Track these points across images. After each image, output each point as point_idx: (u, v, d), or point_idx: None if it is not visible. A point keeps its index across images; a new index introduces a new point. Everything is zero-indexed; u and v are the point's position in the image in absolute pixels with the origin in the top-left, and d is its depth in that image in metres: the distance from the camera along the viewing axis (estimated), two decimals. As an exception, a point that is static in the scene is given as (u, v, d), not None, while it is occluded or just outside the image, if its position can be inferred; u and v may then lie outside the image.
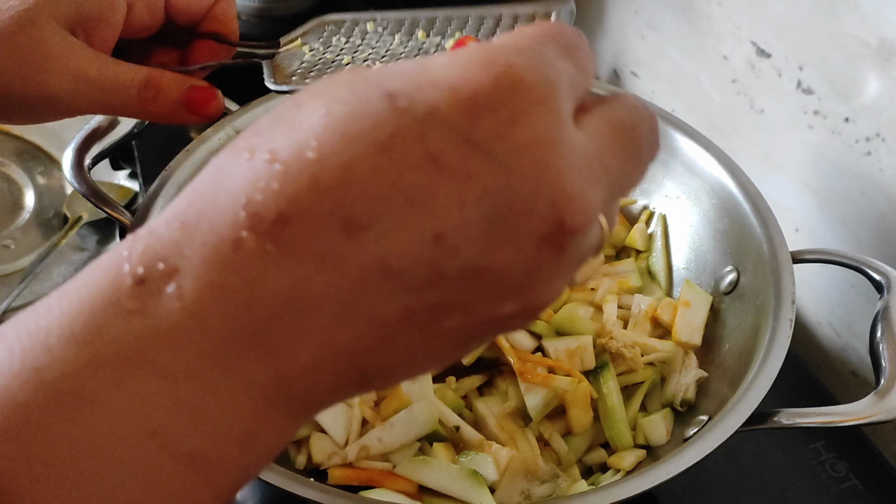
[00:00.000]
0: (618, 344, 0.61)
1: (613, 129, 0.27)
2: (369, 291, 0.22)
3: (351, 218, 0.22)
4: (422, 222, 0.22)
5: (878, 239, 0.69)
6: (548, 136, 0.23)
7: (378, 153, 0.22)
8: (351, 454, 0.55)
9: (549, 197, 0.23)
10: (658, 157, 0.50)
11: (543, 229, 0.23)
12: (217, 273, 0.22)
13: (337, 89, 0.24)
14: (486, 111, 0.23)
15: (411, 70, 0.24)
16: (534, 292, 0.25)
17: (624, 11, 0.97)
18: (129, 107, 0.44)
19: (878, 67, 0.65)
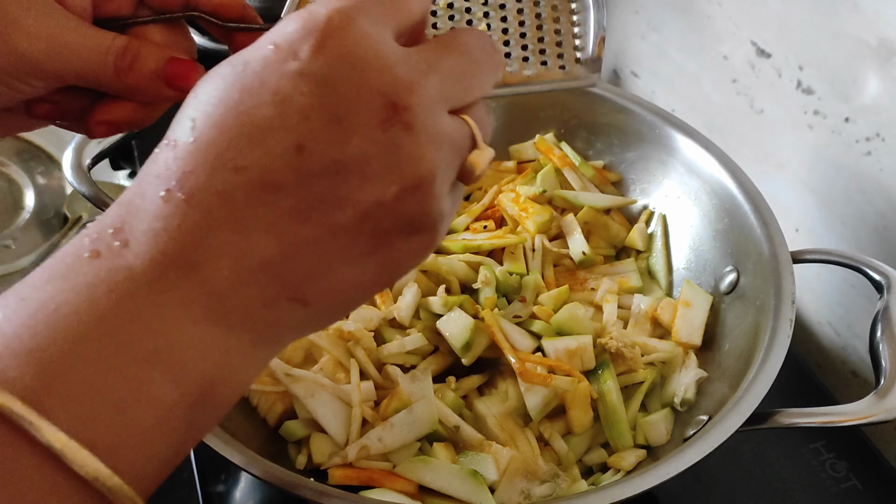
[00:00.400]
0: (618, 344, 0.61)
1: (437, 40, 0.33)
2: (258, 205, 0.29)
3: (229, 158, 0.29)
4: (281, 140, 0.29)
5: (878, 239, 0.69)
6: (356, 49, 0.29)
7: (234, 106, 0.29)
8: (351, 454, 0.55)
9: (374, 88, 0.29)
10: (658, 156, 0.51)
11: (380, 114, 0.29)
12: (148, 224, 0.29)
13: (211, 71, 0.31)
14: (301, 48, 0.29)
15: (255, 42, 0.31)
16: (405, 169, 0.30)
17: (624, 11, 0.97)
18: (103, 74, 0.41)
19: (878, 67, 0.65)
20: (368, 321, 0.62)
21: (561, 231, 0.72)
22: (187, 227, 0.29)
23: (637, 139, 0.73)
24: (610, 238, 0.72)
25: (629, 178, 0.75)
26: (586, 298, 0.67)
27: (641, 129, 0.72)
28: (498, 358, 0.62)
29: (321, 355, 0.60)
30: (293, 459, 0.58)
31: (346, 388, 0.58)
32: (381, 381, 0.60)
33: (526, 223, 0.70)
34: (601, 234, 0.72)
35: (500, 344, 0.60)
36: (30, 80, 0.40)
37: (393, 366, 0.61)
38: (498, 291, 0.65)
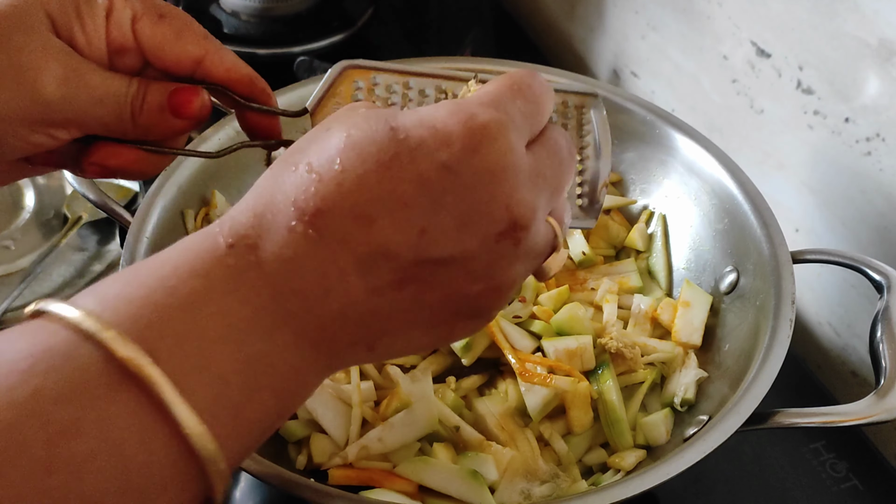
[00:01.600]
0: (618, 344, 0.61)
1: (545, 148, 0.37)
2: (374, 266, 0.32)
3: (364, 214, 0.32)
4: (411, 220, 0.32)
5: (878, 239, 0.69)
6: (500, 161, 0.33)
7: (383, 168, 0.32)
8: (351, 454, 0.55)
9: (504, 202, 0.33)
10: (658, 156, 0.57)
11: (501, 227, 0.34)
12: (278, 248, 0.32)
13: (355, 118, 0.34)
14: (456, 145, 0.33)
15: (408, 112, 0.34)
16: (497, 275, 0.34)
17: (624, 11, 0.97)
18: (123, 118, 0.41)
19: (878, 67, 0.65)
20: (368, 321, 0.62)
21: (561, 231, 0.72)
22: (312, 266, 0.32)
23: (637, 139, 0.73)
24: (610, 238, 0.72)
25: (629, 178, 0.75)
26: (586, 298, 0.67)
27: (641, 129, 0.72)
28: (498, 358, 0.62)
29: (321, 355, 0.60)
30: (293, 459, 0.58)
31: (346, 388, 0.58)
32: (381, 381, 0.60)
33: (526, 223, 0.70)
34: (601, 234, 0.72)
35: (500, 344, 0.60)
36: (51, 129, 0.40)
37: (393, 366, 0.61)
38: (498, 291, 0.65)
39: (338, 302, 0.32)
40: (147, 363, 0.28)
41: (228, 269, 0.31)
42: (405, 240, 0.32)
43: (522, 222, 0.34)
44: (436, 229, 0.32)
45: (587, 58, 1.06)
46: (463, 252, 0.33)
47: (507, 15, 1.21)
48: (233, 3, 0.97)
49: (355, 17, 1.02)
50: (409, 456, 0.56)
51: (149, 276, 0.31)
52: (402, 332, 0.35)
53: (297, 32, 0.97)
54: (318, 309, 0.32)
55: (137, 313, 0.29)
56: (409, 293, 0.33)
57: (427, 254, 0.32)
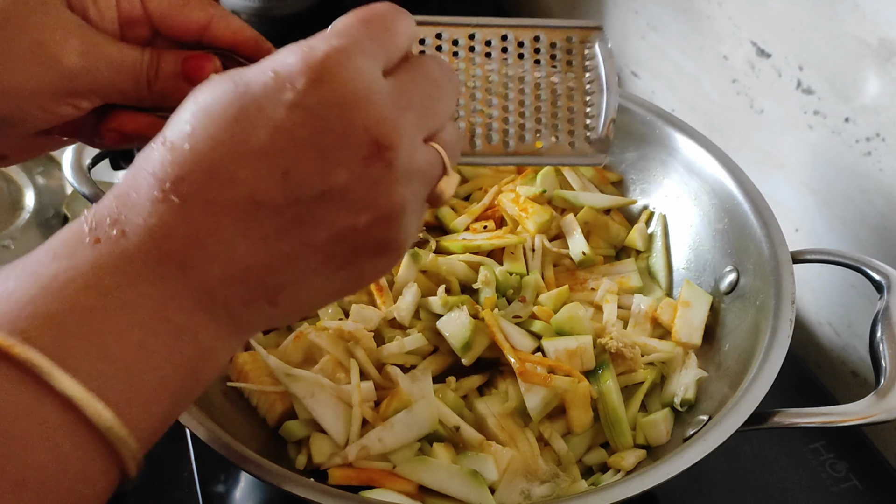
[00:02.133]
0: (618, 344, 0.61)
1: (410, 73, 0.35)
2: (247, 220, 0.32)
3: (222, 170, 0.32)
4: (271, 165, 0.32)
5: (878, 239, 0.69)
6: (349, 86, 0.32)
7: (231, 122, 0.32)
8: (351, 454, 0.55)
9: (362, 126, 0.32)
10: (658, 156, 0.54)
11: (364, 151, 0.32)
12: (144, 220, 0.32)
13: (206, 84, 0.34)
14: (299, 81, 0.32)
15: (254, 65, 0.34)
16: (380, 201, 0.33)
17: (624, 11, 0.97)
18: (140, 87, 0.44)
19: (878, 67, 0.65)
20: (368, 321, 0.62)
21: (561, 231, 0.72)
22: (181, 230, 0.32)
23: (637, 139, 0.73)
24: (610, 238, 0.72)
25: (629, 178, 0.75)
26: (586, 298, 0.67)
27: (641, 129, 0.72)
28: (498, 358, 0.62)
29: (321, 355, 0.60)
30: (293, 459, 0.58)
31: (346, 388, 0.58)
32: (381, 382, 0.60)
33: (526, 223, 0.70)
34: (601, 234, 0.72)
35: (500, 344, 0.60)
36: (71, 99, 0.42)
37: (393, 366, 0.61)
38: (498, 291, 0.65)
39: (219, 261, 0.32)
40: (16, 343, 0.28)
41: (93, 247, 0.31)
42: (270, 185, 0.32)
43: (386, 142, 0.33)
44: (299, 168, 0.32)
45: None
46: (333, 184, 0.32)
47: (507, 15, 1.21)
48: (233, 3, 0.97)
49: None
50: (409, 456, 0.56)
51: (13, 269, 0.31)
52: (301, 281, 0.34)
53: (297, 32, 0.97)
54: (199, 272, 0.32)
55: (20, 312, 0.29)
56: (294, 238, 0.33)
57: (297, 193, 0.32)
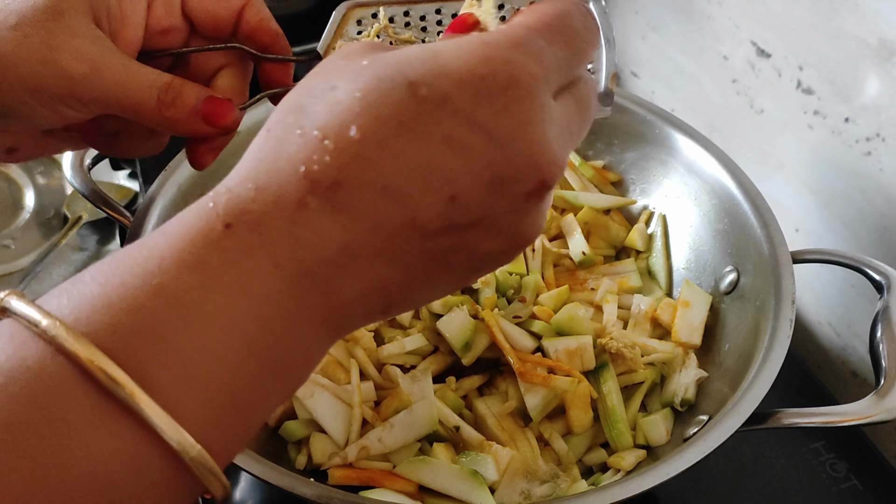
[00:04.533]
0: (618, 344, 0.61)
1: (577, 103, 0.33)
2: (401, 240, 0.29)
3: (387, 184, 0.28)
4: (440, 187, 0.29)
5: (878, 239, 0.69)
6: (533, 119, 0.30)
7: (406, 133, 0.29)
8: (351, 454, 0.55)
9: (535, 164, 0.30)
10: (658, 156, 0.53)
11: (531, 187, 0.30)
12: (288, 226, 0.28)
13: (365, 73, 0.30)
14: (486, 100, 0.29)
15: (425, 58, 0.30)
16: (520, 231, 0.32)
17: (624, 11, 0.97)
18: (146, 106, 0.43)
19: (878, 67, 0.65)
20: (368, 321, 0.62)
21: (561, 231, 0.72)
22: (329, 246, 0.29)
23: (637, 139, 0.73)
24: (610, 238, 0.72)
25: (629, 178, 0.75)
26: (586, 298, 0.67)
27: (641, 129, 0.72)
28: (498, 358, 0.62)
29: (321, 355, 0.60)
30: (293, 459, 0.58)
31: (346, 388, 0.58)
32: (381, 382, 0.60)
33: (526, 223, 0.70)
34: (601, 235, 0.72)
35: (500, 344, 0.60)
36: (74, 104, 0.42)
37: (393, 366, 0.61)
38: (498, 291, 0.65)
39: (360, 280, 0.29)
40: (128, 382, 0.26)
41: (227, 257, 0.28)
42: (435, 209, 0.29)
43: (551, 181, 0.31)
44: (466, 194, 0.29)
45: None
46: (491, 213, 0.30)
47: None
48: (233, 3, 0.97)
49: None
50: (409, 456, 0.56)
51: (131, 272, 0.27)
52: (420, 295, 0.32)
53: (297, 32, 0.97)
54: (337, 292, 0.29)
55: (116, 321, 0.26)
56: (436, 261, 0.31)
57: (457, 220, 0.30)
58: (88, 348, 0.25)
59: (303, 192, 0.28)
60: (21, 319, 0.27)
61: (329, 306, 0.30)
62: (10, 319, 0.27)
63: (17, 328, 0.27)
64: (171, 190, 0.63)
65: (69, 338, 0.25)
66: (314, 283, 0.29)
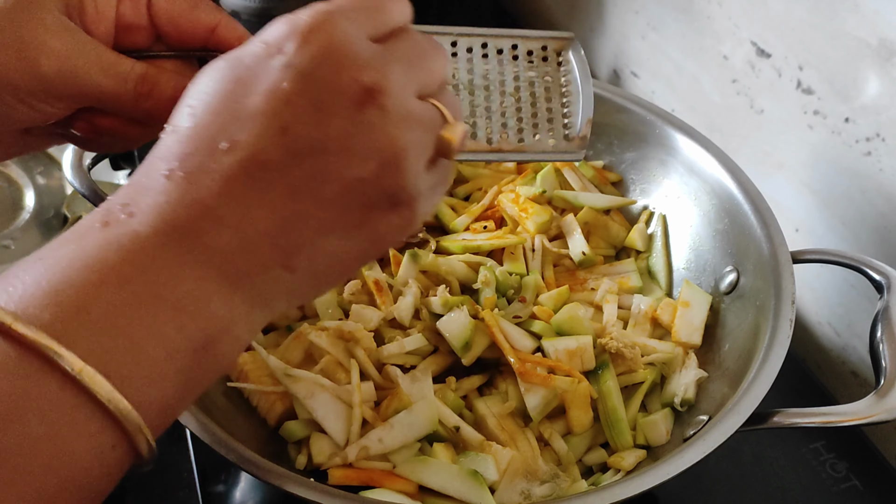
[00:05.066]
0: (618, 344, 0.61)
1: (395, 39, 0.37)
2: (254, 181, 0.33)
3: (223, 139, 0.33)
4: (268, 124, 0.33)
5: (878, 239, 0.69)
6: (332, 40, 0.33)
7: (227, 93, 0.34)
8: (351, 454, 0.55)
9: (348, 75, 0.33)
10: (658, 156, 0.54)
11: (356, 98, 0.33)
12: (152, 198, 0.33)
13: (200, 72, 0.35)
14: (286, 44, 0.34)
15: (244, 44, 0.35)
16: (380, 145, 0.34)
17: (624, 11, 0.97)
18: (123, 98, 0.43)
19: (878, 67, 0.65)
20: (368, 321, 0.62)
21: (561, 231, 0.72)
22: (189, 201, 0.32)
23: (637, 139, 0.73)
24: (610, 238, 0.72)
25: (629, 178, 0.75)
26: (586, 298, 0.67)
27: (641, 129, 0.72)
28: (498, 358, 0.62)
29: (321, 355, 0.60)
30: (293, 459, 0.58)
31: (346, 388, 0.58)
32: (382, 382, 0.60)
33: (526, 223, 0.70)
34: (601, 235, 0.72)
35: (500, 344, 0.60)
36: (51, 100, 0.42)
37: (393, 366, 0.61)
38: (498, 292, 0.65)
39: (230, 227, 0.33)
40: (23, 325, 0.28)
41: (103, 230, 0.32)
42: (271, 144, 0.33)
43: (375, 86, 0.33)
44: (295, 122, 0.33)
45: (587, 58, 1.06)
46: (332, 134, 0.33)
47: (507, 15, 1.21)
48: (233, 3, 0.97)
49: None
50: (409, 456, 0.56)
51: (24, 262, 0.32)
52: (316, 241, 0.34)
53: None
54: (209, 239, 0.32)
55: (23, 292, 0.30)
56: (304, 195, 0.33)
57: (298, 147, 0.33)
58: (8, 315, 0.29)
59: (160, 171, 0.33)
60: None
61: (207, 253, 0.32)
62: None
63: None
64: (171, 190, 0.63)
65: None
66: (185, 235, 0.32)
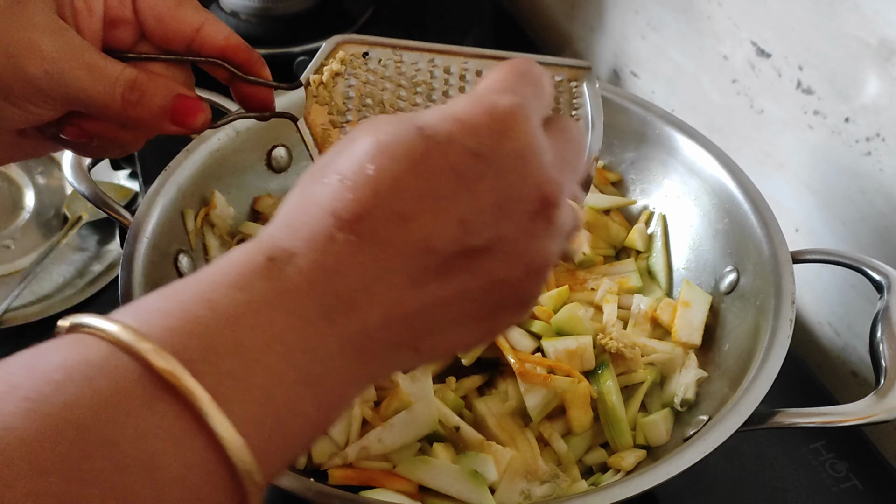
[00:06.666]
0: (618, 344, 0.61)
1: (563, 133, 0.37)
2: (417, 263, 0.32)
3: (403, 213, 0.32)
4: (450, 212, 0.32)
5: (878, 239, 0.69)
6: (528, 144, 0.34)
7: (416, 166, 0.32)
8: (351, 454, 0.55)
9: (535, 183, 0.34)
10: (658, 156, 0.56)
11: (534, 206, 0.34)
12: (320, 256, 0.31)
13: (379, 124, 0.34)
14: (483, 133, 0.33)
15: (430, 111, 0.34)
16: (535, 256, 0.34)
17: (624, 11, 0.97)
18: (111, 105, 0.42)
19: (878, 67, 0.65)
20: (368, 321, 0.62)
21: (561, 231, 0.72)
22: (354, 270, 0.31)
23: (637, 139, 0.73)
24: (610, 238, 0.72)
25: (629, 178, 0.75)
26: (586, 298, 0.67)
27: (641, 129, 0.72)
28: (498, 358, 0.62)
29: (321, 355, 0.60)
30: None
31: (346, 388, 0.58)
32: (381, 382, 0.60)
33: (526, 223, 0.70)
34: (601, 235, 0.72)
35: (500, 344, 0.60)
36: (40, 102, 0.41)
37: (393, 366, 0.60)
38: (498, 291, 0.65)
39: (383, 303, 0.32)
40: (184, 373, 0.27)
41: (269, 281, 0.31)
42: (446, 232, 0.32)
43: (552, 199, 0.34)
44: (474, 218, 0.32)
45: (587, 58, 1.06)
46: (501, 236, 0.33)
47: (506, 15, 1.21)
48: (233, 2, 0.97)
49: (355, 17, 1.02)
50: (409, 456, 0.56)
51: (187, 291, 0.30)
52: (447, 328, 0.34)
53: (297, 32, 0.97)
54: (363, 313, 0.32)
55: (175, 326, 0.29)
56: (454, 286, 0.33)
57: (468, 243, 0.33)
58: (151, 346, 0.27)
59: (330, 227, 0.32)
60: (87, 328, 0.29)
61: (355, 328, 0.32)
62: (75, 333, 0.29)
63: (79, 336, 0.29)
64: (171, 190, 0.63)
65: (134, 338, 0.28)
66: (342, 304, 0.31)
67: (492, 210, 0.33)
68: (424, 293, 0.33)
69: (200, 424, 0.27)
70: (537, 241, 0.34)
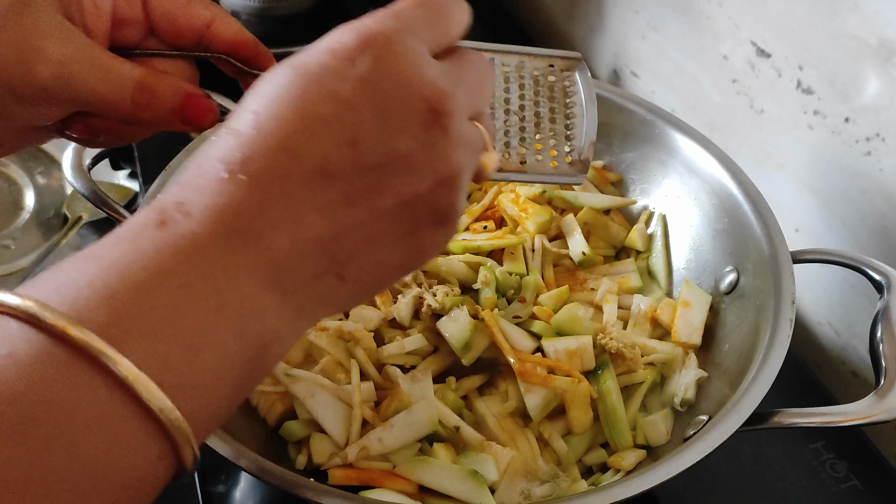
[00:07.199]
0: (618, 344, 0.61)
1: (458, 59, 0.37)
2: (315, 189, 0.33)
3: (290, 146, 0.32)
4: (336, 135, 0.33)
5: (878, 239, 0.69)
6: (403, 59, 0.34)
7: (296, 101, 0.33)
8: (351, 455, 0.55)
9: (419, 95, 0.34)
10: (658, 156, 0.55)
11: (423, 117, 0.34)
12: (211, 199, 0.32)
13: (261, 79, 0.35)
14: (356, 56, 0.34)
15: (306, 48, 0.35)
16: (440, 166, 0.34)
17: (624, 11, 0.97)
18: (120, 106, 0.42)
19: (878, 67, 0.65)
20: (368, 321, 0.62)
21: (561, 231, 0.72)
22: (249, 204, 0.32)
23: (637, 139, 0.73)
24: (610, 238, 0.72)
25: (629, 178, 0.75)
26: (586, 298, 0.67)
27: (641, 129, 0.72)
28: (498, 358, 0.62)
29: (321, 356, 0.60)
30: (293, 459, 0.58)
31: (346, 388, 0.58)
32: (382, 382, 0.60)
33: (526, 223, 0.70)
34: (601, 235, 0.72)
35: (500, 344, 0.60)
36: (49, 103, 0.42)
37: (393, 366, 0.61)
38: (498, 292, 0.65)
39: (288, 232, 0.32)
40: (78, 328, 0.28)
41: (159, 230, 0.31)
42: (337, 155, 0.33)
43: (442, 109, 0.34)
44: (363, 136, 0.33)
45: (587, 58, 1.06)
46: (397, 150, 0.33)
47: (506, 14, 1.21)
48: (233, 3, 0.97)
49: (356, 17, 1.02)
50: (409, 456, 0.56)
51: (76, 255, 0.31)
52: (369, 251, 0.34)
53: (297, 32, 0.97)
54: (268, 241, 0.32)
55: (63, 280, 0.29)
56: (362, 206, 0.33)
57: (363, 161, 0.33)
58: (61, 317, 0.28)
59: (219, 172, 0.32)
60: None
61: (265, 258, 0.32)
62: None
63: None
64: (171, 190, 0.63)
65: (42, 310, 0.28)
66: (243, 238, 0.32)
67: (379, 127, 0.33)
68: (333, 217, 0.33)
69: (103, 371, 0.28)
70: (438, 150, 0.34)
